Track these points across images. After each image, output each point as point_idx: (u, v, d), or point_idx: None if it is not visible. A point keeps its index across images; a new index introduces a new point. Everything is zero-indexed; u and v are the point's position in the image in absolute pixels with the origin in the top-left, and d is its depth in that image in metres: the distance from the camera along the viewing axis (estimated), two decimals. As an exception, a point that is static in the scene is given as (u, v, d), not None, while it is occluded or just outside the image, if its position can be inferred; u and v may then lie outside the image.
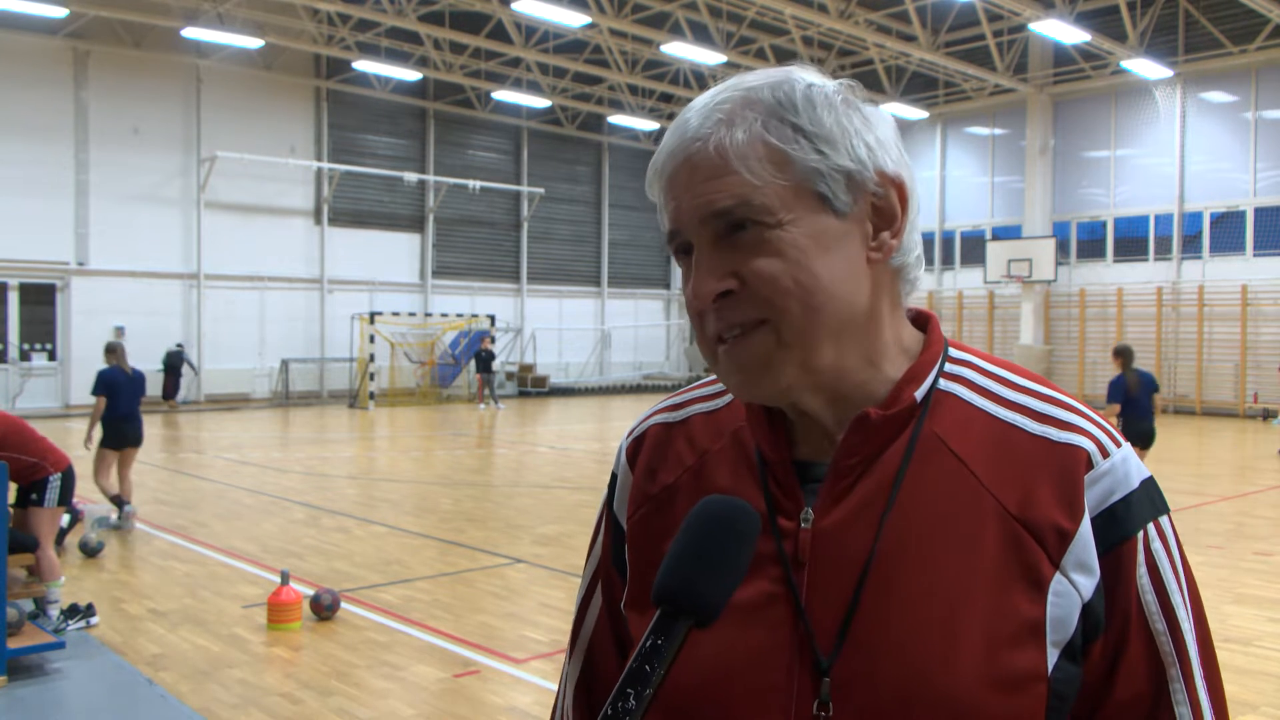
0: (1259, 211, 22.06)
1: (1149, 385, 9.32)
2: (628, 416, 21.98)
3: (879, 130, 0.93)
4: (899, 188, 0.93)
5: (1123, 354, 9.53)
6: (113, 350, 9.58)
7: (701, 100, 0.93)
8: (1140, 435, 9.20)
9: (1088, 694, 0.90)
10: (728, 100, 0.91)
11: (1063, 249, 24.76)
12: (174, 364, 22.73)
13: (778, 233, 0.88)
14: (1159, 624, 0.90)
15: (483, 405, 24.64)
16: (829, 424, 0.95)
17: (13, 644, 5.25)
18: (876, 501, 0.91)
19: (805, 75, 0.93)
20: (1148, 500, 0.91)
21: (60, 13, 19.93)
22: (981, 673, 0.85)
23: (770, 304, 0.88)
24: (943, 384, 0.96)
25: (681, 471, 1.02)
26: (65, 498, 6.20)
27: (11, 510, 6.00)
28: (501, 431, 19.31)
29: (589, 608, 1.10)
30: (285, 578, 6.26)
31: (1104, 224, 24.47)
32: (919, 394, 0.94)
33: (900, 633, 0.87)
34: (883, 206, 0.93)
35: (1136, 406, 9.20)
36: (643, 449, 1.07)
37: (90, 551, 8.00)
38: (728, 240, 0.89)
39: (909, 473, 0.91)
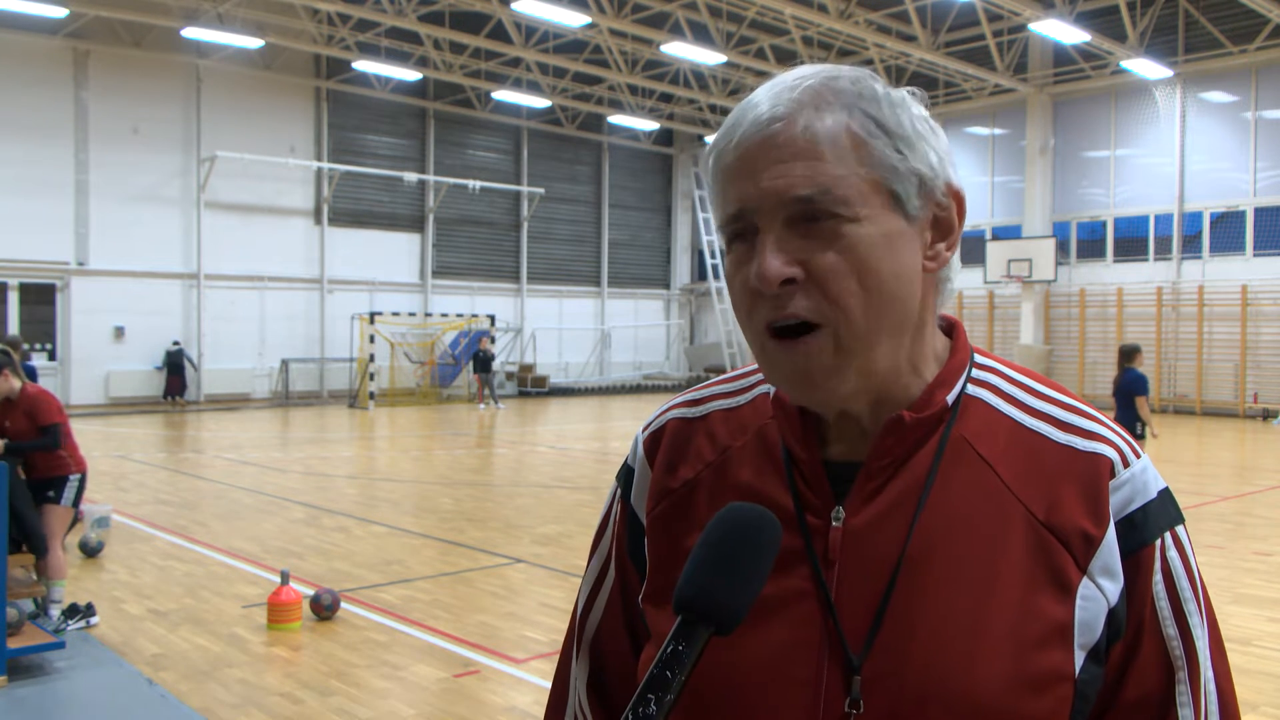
0: (1259, 211, 22.06)
1: (1128, 385, 9.71)
2: (628, 416, 21.99)
3: (943, 142, 0.95)
4: (960, 202, 0.95)
5: (1119, 352, 10.03)
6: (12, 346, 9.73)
7: (772, 85, 0.91)
8: None
9: (1102, 694, 0.92)
10: (809, 86, 0.90)
11: (1063, 249, 24.76)
12: (176, 362, 22.78)
13: (854, 227, 0.88)
14: (1170, 629, 0.92)
15: (482, 405, 24.65)
16: (866, 425, 0.95)
17: (13, 644, 5.25)
18: (907, 502, 0.92)
19: (875, 75, 0.94)
20: (1165, 510, 0.94)
21: (60, 13, 19.93)
22: (1008, 673, 0.86)
23: (832, 305, 0.88)
24: (970, 389, 0.97)
25: (702, 467, 1.02)
26: (77, 499, 6.25)
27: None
28: (501, 431, 19.31)
29: (595, 601, 1.10)
30: (285, 578, 6.26)
31: (1104, 224, 24.47)
32: (949, 398, 0.95)
33: (930, 632, 0.88)
34: (943, 218, 0.94)
35: (1117, 402, 9.79)
36: (661, 443, 1.06)
37: (90, 551, 8.00)
38: (800, 227, 0.88)
39: (938, 475, 0.93)
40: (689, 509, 1.01)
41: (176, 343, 23.09)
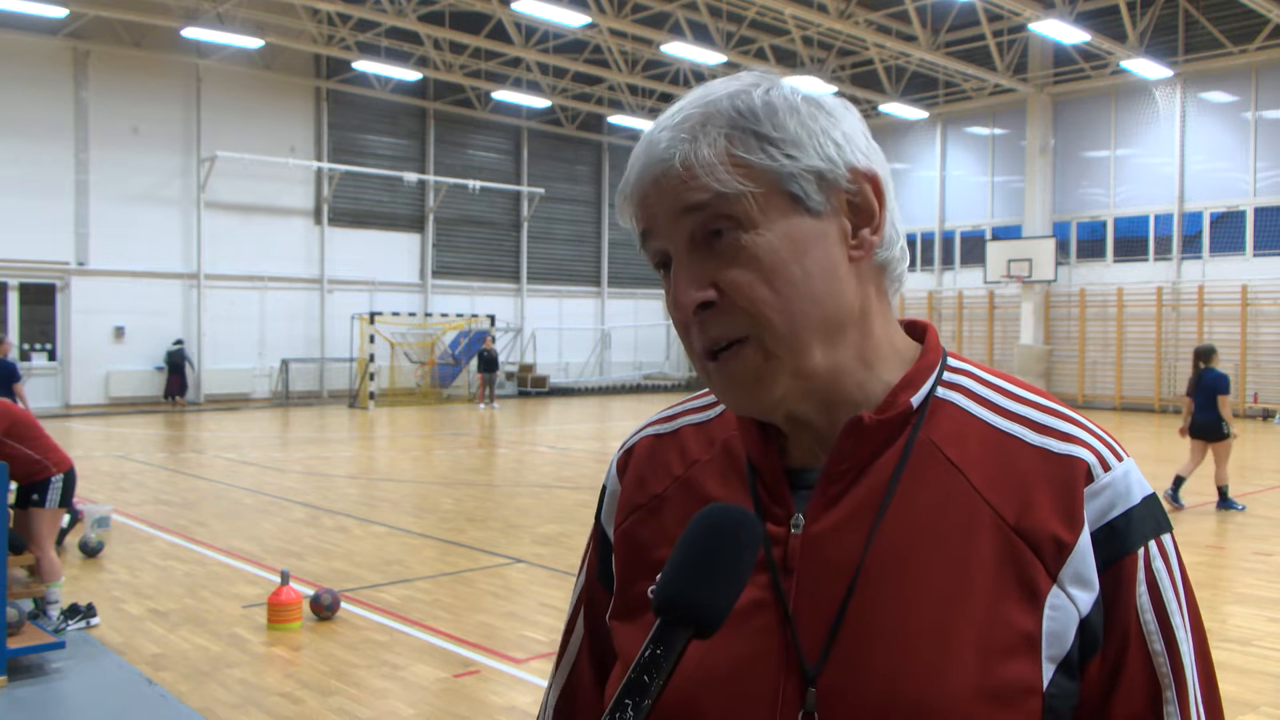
0: (1259, 211, 22.06)
1: (1207, 385, 10.03)
2: (628, 416, 21.99)
3: (844, 124, 0.92)
4: (873, 182, 0.92)
5: (1195, 354, 10.39)
6: None
7: (664, 119, 0.92)
8: (1193, 428, 10.20)
9: (1083, 712, 0.88)
10: (688, 118, 0.90)
11: (1063, 249, 24.76)
12: (177, 362, 22.84)
13: (752, 237, 0.87)
14: (1157, 644, 0.88)
15: (482, 405, 24.67)
16: (823, 429, 0.93)
17: (13, 644, 5.25)
18: (869, 508, 0.89)
19: (764, 81, 0.92)
20: (1150, 517, 0.89)
21: (60, 13, 19.93)
22: (972, 684, 0.83)
23: (750, 316, 0.87)
24: (940, 392, 0.94)
25: (670, 481, 1.01)
26: (66, 499, 6.19)
27: (11, 511, 6.01)
28: (501, 431, 19.31)
29: (575, 625, 1.09)
30: (285, 578, 6.26)
31: (1104, 224, 24.47)
32: (915, 400, 0.92)
33: (889, 642, 0.85)
34: (859, 204, 0.91)
35: (1196, 402, 10.11)
36: (632, 461, 1.06)
37: (90, 551, 8.00)
38: (705, 249, 0.88)
39: (903, 479, 0.90)
40: (657, 522, 0.99)
41: (179, 342, 23.12)
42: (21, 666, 5.35)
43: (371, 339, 24.18)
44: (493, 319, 26.83)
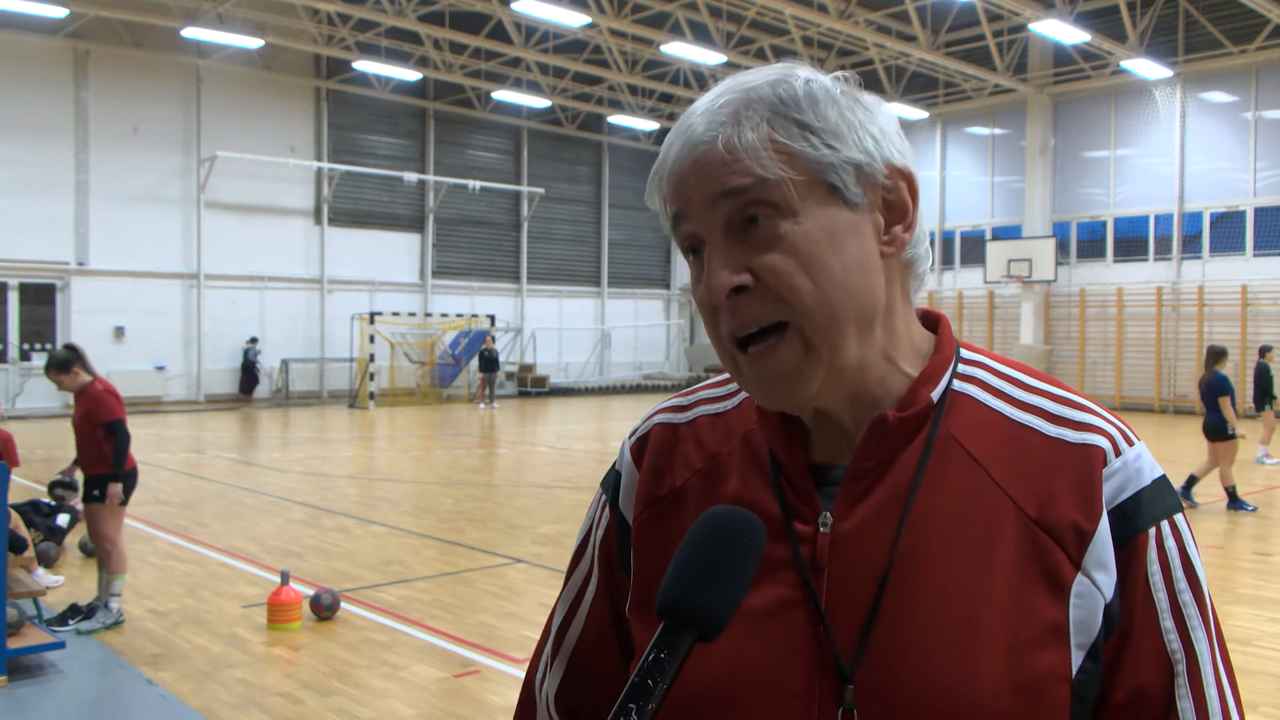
0: (1259, 211, 22.06)
1: (1212, 387, 10.22)
2: (628, 416, 21.98)
3: (880, 121, 0.92)
4: (908, 180, 0.93)
5: (1208, 353, 10.60)
6: None
7: (702, 104, 0.91)
8: (1203, 428, 10.46)
9: (1097, 692, 0.89)
10: (729, 102, 0.89)
11: (1063, 249, 24.76)
12: (249, 361, 23.20)
13: (792, 225, 0.87)
14: (1167, 621, 0.89)
15: (482, 405, 24.67)
16: (847, 425, 0.94)
17: (13, 644, 5.25)
18: (895, 505, 0.90)
19: (801, 71, 0.92)
20: (1160, 497, 0.90)
21: (60, 13, 19.93)
22: (1004, 677, 0.84)
23: (786, 304, 0.87)
24: (957, 385, 0.95)
25: (690, 474, 1.00)
26: (124, 498, 6.34)
27: (14, 512, 6.03)
28: (501, 431, 19.31)
29: (577, 613, 1.07)
30: (285, 578, 6.27)
31: (1104, 224, 24.47)
32: (935, 395, 0.93)
33: (922, 637, 0.86)
34: (893, 200, 0.92)
35: (1206, 404, 10.36)
36: (647, 448, 1.05)
37: (90, 551, 7.99)
38: (740, 234, 0.88)
39: (926, 475, 0.90)
40: (676, 519, 0.98)
41: (254, 339, 23.56)
42: (21, 666, 5.35)
43: (371, 339, 24.18)
44: (493, 319, 26.84)
